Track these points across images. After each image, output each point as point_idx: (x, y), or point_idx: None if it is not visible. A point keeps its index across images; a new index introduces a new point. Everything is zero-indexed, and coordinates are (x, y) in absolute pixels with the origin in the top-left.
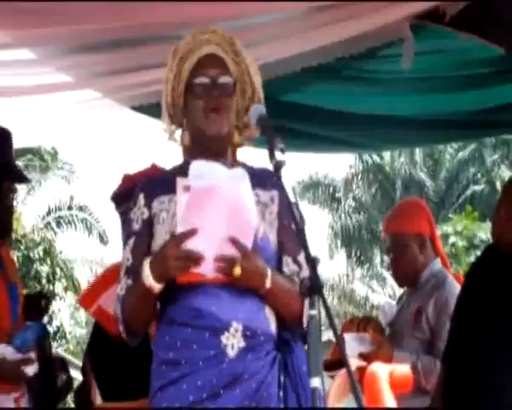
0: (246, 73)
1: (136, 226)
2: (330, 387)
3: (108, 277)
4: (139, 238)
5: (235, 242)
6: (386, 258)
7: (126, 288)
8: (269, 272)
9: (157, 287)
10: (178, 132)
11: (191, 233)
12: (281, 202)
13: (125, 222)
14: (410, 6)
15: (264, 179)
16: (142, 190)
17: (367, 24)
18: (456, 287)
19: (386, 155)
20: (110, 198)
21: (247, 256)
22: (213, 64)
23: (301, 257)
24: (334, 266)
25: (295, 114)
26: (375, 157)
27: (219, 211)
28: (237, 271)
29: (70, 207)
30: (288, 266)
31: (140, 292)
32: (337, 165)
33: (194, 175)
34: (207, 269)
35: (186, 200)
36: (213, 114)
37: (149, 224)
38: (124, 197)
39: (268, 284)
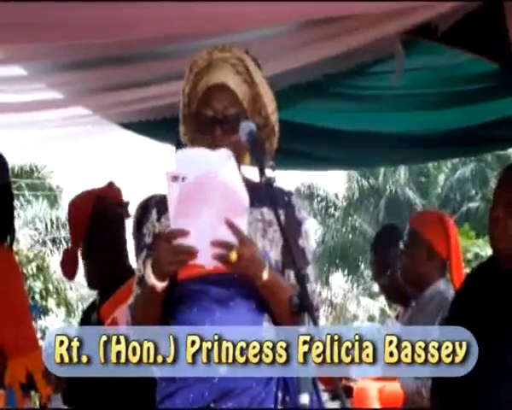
0: (257, 95)
1: (148, 240)
2: None
3: (127, 290)
4: (150, 251)
5: (230, 225)
6: None
7: (135, 296)
8: (267, 264)
9: (159, 286)
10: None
11: (182, 232)
12: (286, 220)
13: (139, 236)
14: (400, 21)
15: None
16: (156, 205)
17: (356, 40)
18: None
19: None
20: None
21: (244, 242)
22: (221, 96)
23: (307, 271)
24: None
25: (284, 132)
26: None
27: (211, 200)
28: (233, 256)
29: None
30: (290, 279)
31: (145, 294)
32: (328, 183)
33: (180, 164)
34: (206, 259)
35: (177, 194)
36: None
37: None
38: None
39: (265, 275)
